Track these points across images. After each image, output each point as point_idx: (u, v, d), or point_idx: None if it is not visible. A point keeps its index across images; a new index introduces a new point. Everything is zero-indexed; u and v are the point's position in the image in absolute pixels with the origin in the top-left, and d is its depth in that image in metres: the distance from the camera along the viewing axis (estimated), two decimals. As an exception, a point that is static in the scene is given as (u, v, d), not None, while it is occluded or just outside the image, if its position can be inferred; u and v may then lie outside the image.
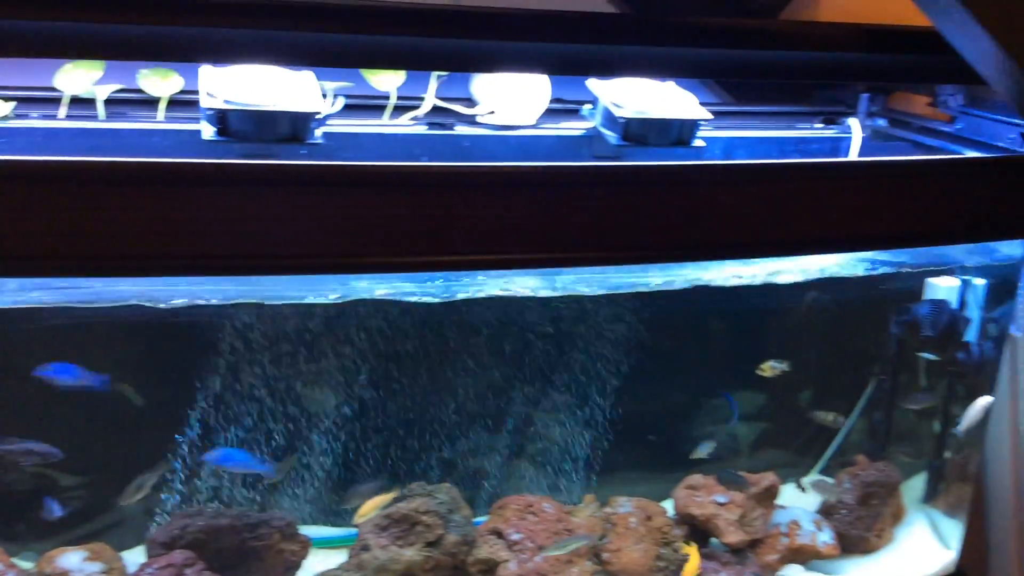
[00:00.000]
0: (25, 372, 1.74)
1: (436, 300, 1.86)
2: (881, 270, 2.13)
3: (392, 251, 1.48)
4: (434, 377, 2.09)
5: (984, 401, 2.21)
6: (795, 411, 2.51)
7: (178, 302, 1.69)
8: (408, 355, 2.04)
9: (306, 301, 1.86)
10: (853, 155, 2.31)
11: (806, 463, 2.51)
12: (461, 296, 1.84)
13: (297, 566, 1.97)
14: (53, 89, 1.79)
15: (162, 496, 1.95)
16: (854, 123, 2.32)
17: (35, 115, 1.77)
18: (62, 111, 1.79)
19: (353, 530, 2.02)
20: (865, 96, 2.38)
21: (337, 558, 1.98)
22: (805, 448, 2.52)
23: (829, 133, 2.34)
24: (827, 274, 2.09)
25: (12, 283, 1.58)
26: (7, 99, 1.76)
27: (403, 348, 2.03)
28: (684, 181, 1.63)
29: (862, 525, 2.28)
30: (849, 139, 2.32)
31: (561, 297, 2.04)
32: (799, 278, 2.07)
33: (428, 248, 1.50)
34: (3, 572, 1.80)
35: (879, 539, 2.30)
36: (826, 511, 2.30)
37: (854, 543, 2.27)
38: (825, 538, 2.22)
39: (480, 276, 1.85)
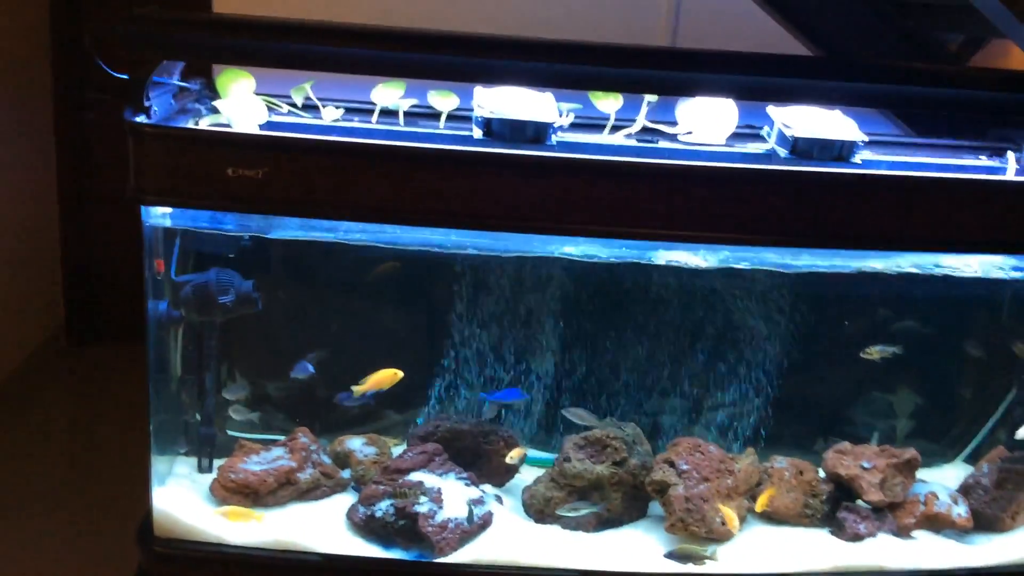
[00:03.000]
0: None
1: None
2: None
3: (598, 221, 2.07)
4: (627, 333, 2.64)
5: None
6: (946, 408, 2.85)
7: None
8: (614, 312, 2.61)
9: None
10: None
11: (953, 453, 2.84)
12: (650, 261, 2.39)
13: (516, 469, 2.56)
14: (368, 102, 2.49)
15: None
16: (1011, 156, 2.65)
17: (356, 119, 2.47)
18: (374, 118, 2.48)
19: (549, 455, 2.61)
20: (1029, 133, 2.70)
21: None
22: (954, 441, 2.85)
23: (988, 163, 2.68)
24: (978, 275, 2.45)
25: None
26: (338, 107, 2.47)
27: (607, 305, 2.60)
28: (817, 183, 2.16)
29: (997, 506, 2.57)
30: (1003, 170, 2.65)
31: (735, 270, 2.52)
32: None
33: (630, 221, 2.07)
34: (308, 446, 2.49)
35: (1013, 521, 2.57)
36: (964, 490, 2.62)
37: (988, 521, 2.56)
38: (960, 511, 2.53)
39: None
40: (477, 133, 2.25)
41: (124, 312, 4.79)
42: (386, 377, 2.42)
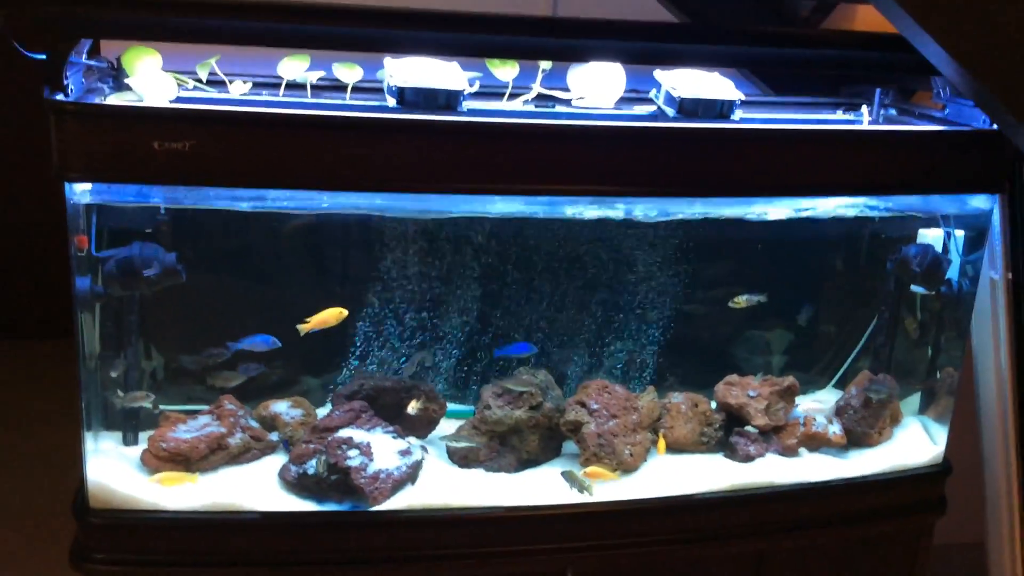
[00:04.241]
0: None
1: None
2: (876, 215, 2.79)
3: (514, 179, 2.24)
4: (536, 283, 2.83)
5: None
6: (815, 340, 3.17)
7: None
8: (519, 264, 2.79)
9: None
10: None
11: (823, 381, 3.16)
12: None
13: (436, 422, 2.71)
14: (272, 76, 2.56)
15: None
16: (864, 110, 2.96)
17: (264, 93, 2.54)
18: (281, 91, 2.55)
19: (469, 407, 2.77)
20: (878, 90, 3.01)
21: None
22: (824, 369, 3.17)
23: (844, 117, 2.98)
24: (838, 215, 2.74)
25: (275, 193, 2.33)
26: (245, 81, 2.54)
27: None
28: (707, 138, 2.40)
29: (866, 424, 2.89)
30: (859, 122, 2.96)
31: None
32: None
33: (531, 179, 2.25)
34: (235, 412, 2.56)
35: (880, 436, 2.90)
36: (837, 411, 2.93)
37: (859, 437, 2.88)
38: (835, 430, 2.84)
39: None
40: (391, 102, 2.37)
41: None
42: (331, 316, 2.50)
